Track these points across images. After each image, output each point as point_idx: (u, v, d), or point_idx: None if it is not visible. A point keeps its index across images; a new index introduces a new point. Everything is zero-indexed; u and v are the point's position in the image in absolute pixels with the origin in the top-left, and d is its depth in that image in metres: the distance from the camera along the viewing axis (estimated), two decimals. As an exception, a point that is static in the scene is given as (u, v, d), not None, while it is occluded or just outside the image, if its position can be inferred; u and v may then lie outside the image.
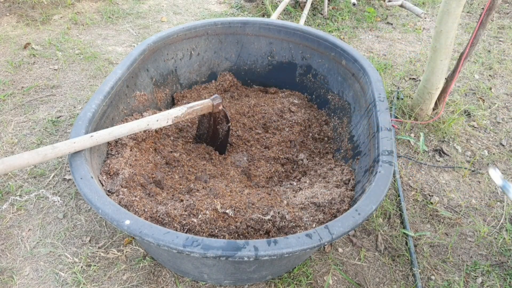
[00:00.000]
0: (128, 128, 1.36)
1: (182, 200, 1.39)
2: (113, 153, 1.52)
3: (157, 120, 1.41)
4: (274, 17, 2.86)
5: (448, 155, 2.05)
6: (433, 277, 1.52)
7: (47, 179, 1.83)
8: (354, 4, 2.95)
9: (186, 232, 1.27)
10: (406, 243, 1.62)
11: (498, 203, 1.82)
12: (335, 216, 1.36)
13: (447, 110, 2.31)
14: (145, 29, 3.15)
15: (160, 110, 1.99)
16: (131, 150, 1.55)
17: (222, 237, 1.26)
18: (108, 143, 1.59)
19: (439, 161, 2.03)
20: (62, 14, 3.25)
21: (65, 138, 2.05)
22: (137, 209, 1.28)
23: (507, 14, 3.50)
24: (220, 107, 1.69)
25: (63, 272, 1.47)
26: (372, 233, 1.67)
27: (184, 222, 1.28)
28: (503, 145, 2.13)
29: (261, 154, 1.85)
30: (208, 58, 2.21)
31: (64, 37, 2.93)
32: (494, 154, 2.07)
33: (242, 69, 2.30)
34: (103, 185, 1.35)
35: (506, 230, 1.70)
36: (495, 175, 1.37)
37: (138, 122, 1.39)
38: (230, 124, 1.75)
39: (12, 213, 1.68)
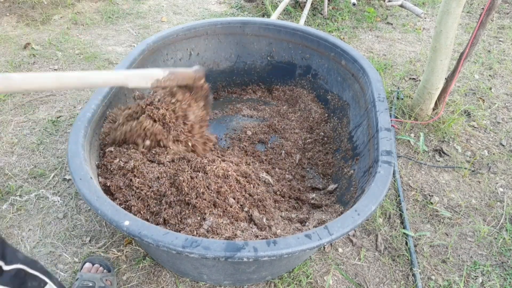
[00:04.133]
0: (103, 79, 1.17)
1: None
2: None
3: (136, 77, 1.24)
4: (274, 17, 2.86)
5: (448, 155, 2.05)
6: (433, 277, 1.52)
7: (47, 179, 1.83)
8: (354, 4, 2.95)
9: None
10: (406, 243, 1.62)
11: (498, 203, 1.82)
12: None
13: (447, 110, 2.30)
14: (145, 29, 3.15)
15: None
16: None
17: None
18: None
19: (439, 161, 2.03)
20: (62, 14, 3.25)
21: (65, 138, 2.05)
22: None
23: (507, 14, 3.49)
24: (202, 82, 1.40)
25: (63, 272, 1.47)
26: (372, 233, 1.67)
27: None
28: (503, 145, 2.13)
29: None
30: (208, 58, 2.21)
31: (64, 37, 2.93)
32: (494, 154, 2.07)
33: (242, 69, 2.30)
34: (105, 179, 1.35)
35: (506, 230, 1.70)
36: None
37: (115, 73, 1.20)
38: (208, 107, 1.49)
39: (12, 213, 1.68)
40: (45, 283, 0.86)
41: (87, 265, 1.40)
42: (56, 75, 1.07)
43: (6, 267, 0.78)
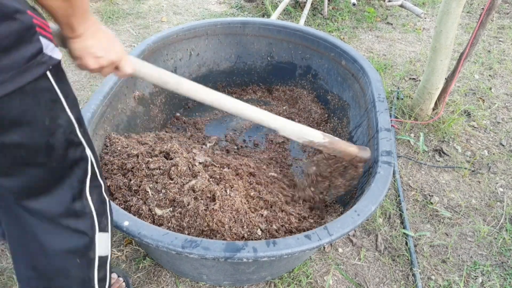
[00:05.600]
0: (260, 117, 1.19)
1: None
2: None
3: (290, 129, 1.23)
4: (274, 17, 2.86)
5: (448, 155, 2.05)
6: (433, 277, 1.52)
7: (47, 179, 1.83)
8: (354, 4, 2.94)
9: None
10: (406, 243, 1.62)
11: (498, 203, 1.82)
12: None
13: (447, 110, 2.30)
14: (145, 29, 3.15)
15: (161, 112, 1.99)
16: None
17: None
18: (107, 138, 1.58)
19: (439, 161, 2.02)
20: (62, 14, 3.25)
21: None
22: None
23: (507, 14, 3.49)
24: (361, 165, 1.37)
25: (63, 273, 1.47)
26: (372, 233, 1.67)
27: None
28: (503, 145, 2.13)
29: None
30: (208, 58, 2.21)
31: (64, 37, 2.93)
32: (494, 154, 2.07)
33: (242, 69, 2.30)
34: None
35: (506, 230, 1.70)
36: None
37: (273, 117, 1.21)
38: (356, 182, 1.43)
39: (12, 213, 1.68)
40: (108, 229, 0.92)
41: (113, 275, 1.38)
42: (218, 96, 1.12)
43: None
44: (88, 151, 0.79)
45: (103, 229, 0.87)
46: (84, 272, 0.87)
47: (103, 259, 0.91)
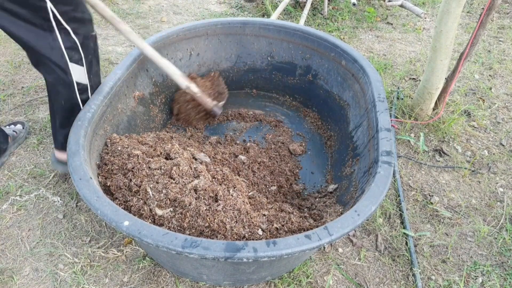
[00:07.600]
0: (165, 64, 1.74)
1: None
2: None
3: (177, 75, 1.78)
4: (274, 17, 2.86)
5: (448, 155, 2.05)
6: (433, 277, 1.52)
7: (47, 179, 1.83)
8: (354, 4, 2.94)
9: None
10: (406, 243, 1.62)
11: (498, 203, 1.82)
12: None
13: (447, 110, 2.30)
14: (145, 29, 3.15)
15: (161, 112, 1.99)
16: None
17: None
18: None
19: (439, 161, 2.02)
20: (62, 14, 3.25)
21: (65, 139, 2.05)
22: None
23: (507, 14, 3.49)
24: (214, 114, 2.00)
25: (63, 272, 1.47)
26: (372, 233, 1.67)
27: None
28: (503, 145, 2.13)
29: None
30: (208, 58, 2.21)
31: (64, 37, 2.93)
32: (494, 154, 2.07)
33: (242, 69, 2.30)
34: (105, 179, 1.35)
35: (506, 230, 1.70)
36: None
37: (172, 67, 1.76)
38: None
39: (12, 213, 1.68)
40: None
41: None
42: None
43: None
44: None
45: (75, 61, 1.34)
46: (69, 92, 1.43)
47: (82, 86, 1.44)
